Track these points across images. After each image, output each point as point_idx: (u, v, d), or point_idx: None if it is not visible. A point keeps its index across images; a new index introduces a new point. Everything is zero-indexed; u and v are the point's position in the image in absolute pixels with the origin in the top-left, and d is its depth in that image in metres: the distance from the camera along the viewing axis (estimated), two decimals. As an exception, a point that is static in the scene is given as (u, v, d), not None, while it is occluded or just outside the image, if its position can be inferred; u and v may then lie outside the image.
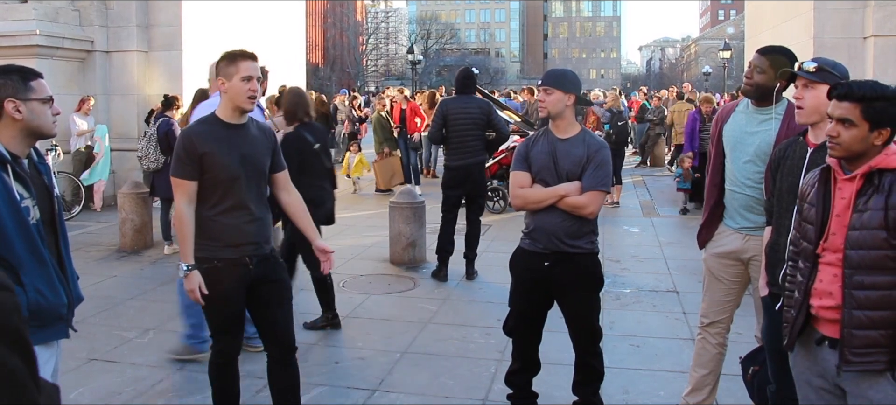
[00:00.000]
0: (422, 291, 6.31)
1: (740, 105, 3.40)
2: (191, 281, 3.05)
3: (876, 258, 2.17)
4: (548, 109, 3.43)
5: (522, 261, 3.55)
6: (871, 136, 2.22)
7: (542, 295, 3.54)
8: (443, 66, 79.45)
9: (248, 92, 3.06)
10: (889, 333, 2.17)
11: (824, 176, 2.37)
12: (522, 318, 3.60)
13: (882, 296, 2.17)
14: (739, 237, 3.33)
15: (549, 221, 3.41)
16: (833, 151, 2.30)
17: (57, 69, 10.44)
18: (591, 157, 3.40)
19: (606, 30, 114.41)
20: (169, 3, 10.96)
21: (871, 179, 2.23)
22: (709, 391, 3.61)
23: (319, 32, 68.06)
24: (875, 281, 2.18)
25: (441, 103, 7.12)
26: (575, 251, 3.42)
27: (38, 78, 2.48)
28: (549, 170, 3.43)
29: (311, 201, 4.12)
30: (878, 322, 2.17)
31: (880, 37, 8.84)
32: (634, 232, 9.01)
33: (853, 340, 2.21)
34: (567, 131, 3.47)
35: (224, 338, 3.26)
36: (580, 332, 3.56)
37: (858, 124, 2.22)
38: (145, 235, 8.02)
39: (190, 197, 3.07)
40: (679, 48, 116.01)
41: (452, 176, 6.70)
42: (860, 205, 2.22)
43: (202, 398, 3.96)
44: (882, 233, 2.15)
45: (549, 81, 3.46)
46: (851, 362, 2.22)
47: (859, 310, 2.20)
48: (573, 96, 3.45)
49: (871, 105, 2.21)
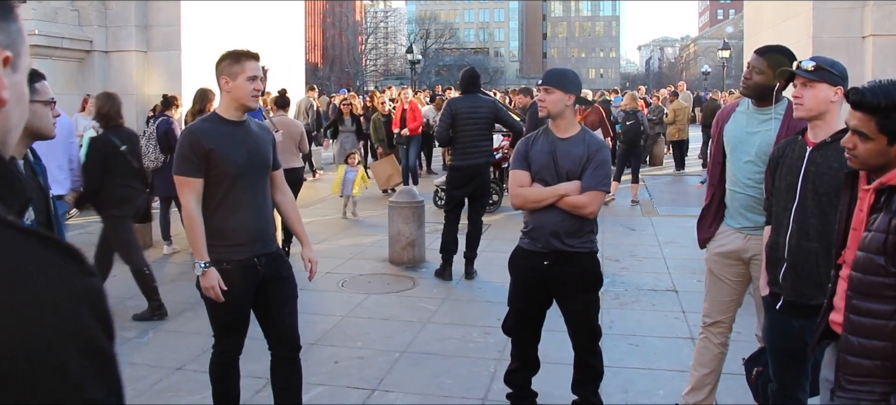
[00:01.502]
0: (421, 291, 6.31)
1: (741, 105, 3.40)
2: (209, 278, 3.03)
3: (873, 285, 2.02)
4: (548, 109, 3.43)
5: (522, 260, 3.55)
6: (891, 150, 2.04)
7: (542, 294, 3.54)
8: (442, 65, 79.41)
9: (252, 90, 3.08)
10: (883, 365, 2.01)
11: (851, 180, 2.24)
12: (522, 317, 3.60)
13: (878, 326, 2.01)
14: (741, 237, 3.33)
15: (549, 220, 3.41)
16: (851, 163, 2.16)
17: (56, 69, 10.43)
18: (591, 157, 3.40)
19: (605, 29, 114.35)
20: (168, 3, 10.96)
21: (880, 196, 2.08)
22: (709, 390, 3.61)
23: (318, 32, 68.05)
24: (870, 308, 2.03)
25: (449, 103, 7.08)
26: (574, 250, 3.42)
27: (42, 80, 2.49)
28: (549, 169, 3.43)
29: (123, 199, 5.43)
30: (871, 351, 2.02)
31: (879, 36, 8.84)
32: (633, 231, 9.01)
33: (847, 366, 2.08)
34: (567, 131, 3.47)
35: (228, 339, 3.25)
36: (580, 332, 3.56)
37: (875, 138, 2.05)
38: (145, 235, 7.99)
39: (197, 194, 3.07)
40: (678, 47, 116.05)
41: (459, 176, 6.68)
42: (870, 223, 2.07)
43: (202, 398, 3.96)
44: (880, 258, 2.00)
45: (549, 81, 3.45)
46: (845, 389, 2.10)
47: (855, 335, 2.07)
48: (573, 96, 3.46)
49: (887, 117, 2.03)
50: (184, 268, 7.00)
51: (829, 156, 2.66)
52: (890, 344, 1.99)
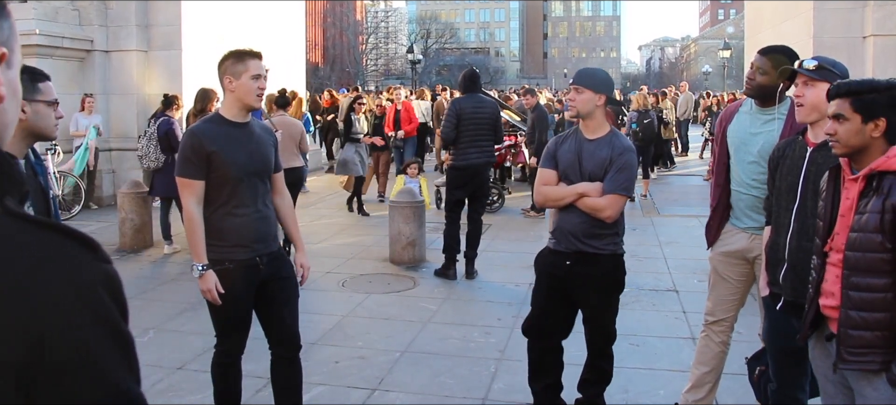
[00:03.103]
0: (422, 290, 6.31)
1: (744, 106, 3.40)
2: (206, 281, 3.03)
3: (871, 261, 2.19)
4: (577, 108, 3.39)
5: (546, 259, 3.56)
6: (866, 129, 2.25)
7: (563, 294, 3.52)
8: (442, 65, 79.44)
9: (256, 90, 3.07)
10: (884, 334, 2.20)
11: (834, 175, 2.41)
12: (542, 316, 3.60)
13: (877, 299, 2.20)
14: (745, 237, 3.33)
15: (569, 221, 3.41)
16: (834, 149, 2.34)
17: (56, 69, 10.42)
18: (614, 160, 3.36)
19: (606, 29, 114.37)
20: (168, 3, 10.95)
21: (871, 181, 2.25)
22: (709, 389, 3.60)
23: (319, 32, 68.01)
24: (870, 283, 2.20)
25: (454, 102, 7.06)
26: (596, 252, 3.41)
27: (47, 80, 2.49)
28: (574, 169, 3.42)
29: None
30: (872, 323, 2.20)
31: (880, 36, 8.84)
32: (634, 231, 9.00)
33: (849, 339, 2.26)
34: (596, 132, 3.43)
35: (231, 338, 3.24)
36: (594, 333, 3.57)
37: (850, 118, 2.26)
38: (145, 235, 8.01)
39: (198, 196, 3.06)
40: (679, 47, 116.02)
41: (459, 175, 6.70)
42: (861, 207, 2.24)
43: (202, 398, 3.96)
44: (877, 236, 2.17)
45: (580, 80, 3.40)
46: (847, 361, 2.28)
47: (855, 310, 2.24)
48: (604, 96, 3.39)
49: (860, 97, 2.26)
50: (184, 268, 7.00)
51: (829, 156, 2.65)
52: (889, 314, 2.18)
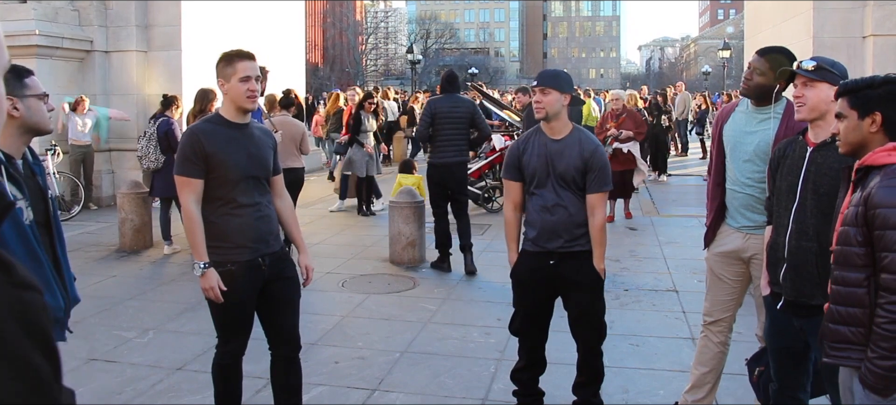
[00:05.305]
0: (421, 291, 6.31)
1: (740, 105, 3.41)
2: (208, 279, 3.02)
3: (848, 255, 2.21)
4: (546, 110, 3.40)
5: (527, 262, 3.55)
6: (863, 124, 2.27)
7: (549, 292, 3.54)
8: (442, 65, 79.37)
9: (246, 92, 3.06)
10: (858, 330, 2.20)
11: (846, 174, 2.43)
12: (530, 318, 3.60)
13: (851, 293, 2.21)
14: (740, 236, 3.34)
15: (550, 221, 3.42)
16: (841, 148, 2.38)
17: (56, 69, 10.44)
18: (588, 162, 3.40)
19: (606, 29, 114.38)
20: (168, 3, 10.95)
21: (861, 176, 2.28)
22: (708, 389, 3.61)
23: (319, 32, 68.03)
24: (845, 277, 2.22)
25: (429, 102, 7.31)
26: (581, 249, 3.44)
27: (31, 74, 2.49)
28: (545, 172, 3.43)
29: None
30: (847, 318, 2.21)
31: (879, 36, 8.84)
32: (633, 231, 9.01)
33: (830, 334, 2.28)
34: (561, 132, 3.46)
35: (232, 339, 3.24)
36: (586, 330, 3.56)
37: (848, 115, 2.30)
38: (145, 235, 8.01)
39: (197, 195, 3.06)
40: (678, 48, 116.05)
41: (435, 172, 6.90)
42: (851, 202, 2.27)
43: (202, 398, 3.96)
44: (853, 229, 2.19)
45: (545, 82, 3.42)
46: (828, 354, 2.30)
47: (835, 304, 2.26)
48: (569, 96, 3.46)
49: (855, 94, 2.30)
50: (184, 268, 7.00)
51: (829, 156, 2.66)
52: (863, 311, 2.18)
